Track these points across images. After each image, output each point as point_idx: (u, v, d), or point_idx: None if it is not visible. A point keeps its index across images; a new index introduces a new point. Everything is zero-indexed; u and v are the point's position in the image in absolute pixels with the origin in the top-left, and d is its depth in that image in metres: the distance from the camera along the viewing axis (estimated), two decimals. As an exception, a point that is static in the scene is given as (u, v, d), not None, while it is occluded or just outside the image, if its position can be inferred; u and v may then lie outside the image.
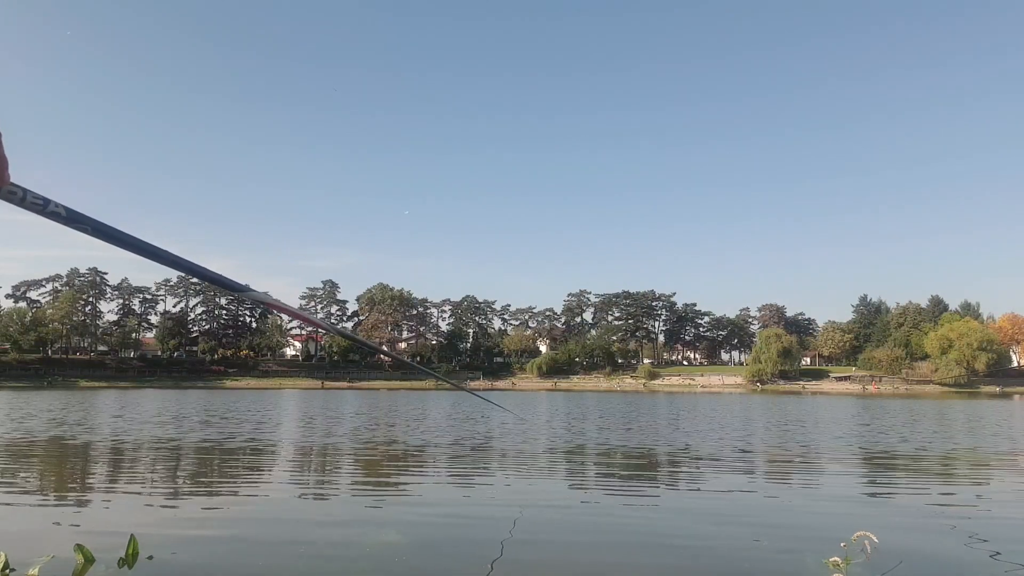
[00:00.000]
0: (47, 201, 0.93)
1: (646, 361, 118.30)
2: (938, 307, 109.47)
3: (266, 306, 1.28)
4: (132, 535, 2.10)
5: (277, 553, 6.36)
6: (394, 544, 6.71)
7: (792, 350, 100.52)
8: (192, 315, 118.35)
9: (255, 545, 6.72)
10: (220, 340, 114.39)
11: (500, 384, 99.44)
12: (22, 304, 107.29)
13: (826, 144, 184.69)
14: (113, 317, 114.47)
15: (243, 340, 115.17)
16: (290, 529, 7.40)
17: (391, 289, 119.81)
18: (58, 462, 13.29)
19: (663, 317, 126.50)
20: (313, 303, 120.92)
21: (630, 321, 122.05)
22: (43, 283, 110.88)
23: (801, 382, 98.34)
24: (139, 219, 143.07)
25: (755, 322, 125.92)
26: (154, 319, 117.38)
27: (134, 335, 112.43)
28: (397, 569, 5.93)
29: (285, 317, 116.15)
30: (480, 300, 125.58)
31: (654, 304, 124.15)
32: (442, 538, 7.06)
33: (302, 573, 5.78)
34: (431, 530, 7.41)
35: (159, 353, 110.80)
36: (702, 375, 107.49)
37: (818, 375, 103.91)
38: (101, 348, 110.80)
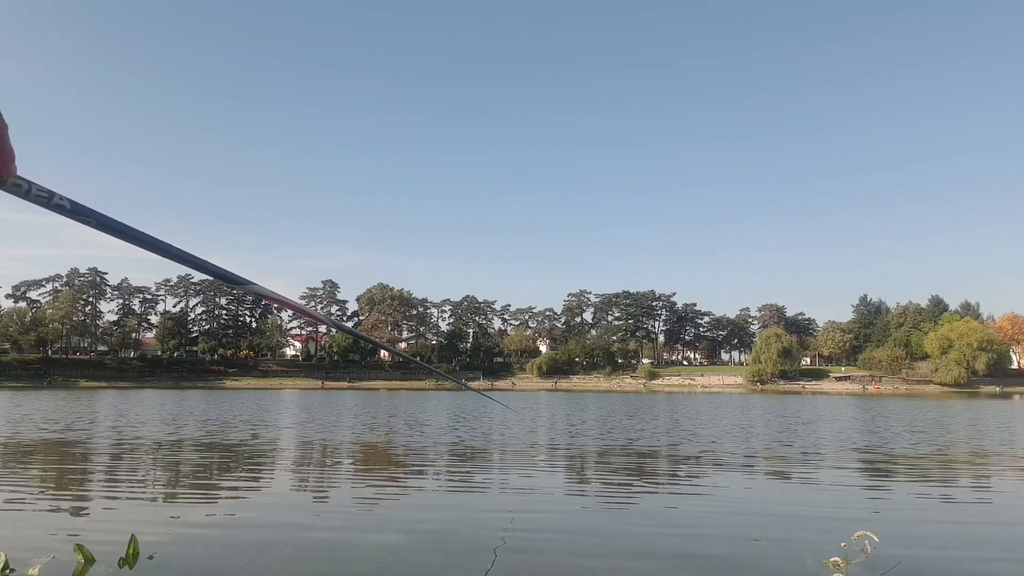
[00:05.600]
0: (52, 194, 0.95)
1: (646, 361, 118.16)
2: (938, 307, 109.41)
3: (268, 300, 1.26)
4: (132, 535, 2.10)
5: (277, 553, 6.36)
6: (393, 544, 6.71)
7: (792, 350, 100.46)
8: (192, 315, 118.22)
9: (255, 545, 6.73)
10: (220, 340, 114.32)
11: (500, 384, 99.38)
12: (22, 304, 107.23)
13: (826, 144, 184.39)
14: (113, 317, 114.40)
15: (243, 340, 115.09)
16: (289, 529, 7.40)
17: (391, 289, 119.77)
18: (58, 462, 13.29)
19: (663, 317, 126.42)
20: (313, 303, 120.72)
21: (630, 321, 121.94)
22: (43, 283, 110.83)
23: (801, 382, 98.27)
24: (140, 218, 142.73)
25: (755, 322, 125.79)
26: (154, 319, 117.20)
27: (134, 335, 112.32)
28: (396, 569, 5.93)
29: (286, 316, 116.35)
30: (480, 300, 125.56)
31: (654, 304, 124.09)
32: (441, 538, 7.06)
33: (302, 573, 5.78)
34: (430, 530, 7.41)
35: (159, 353, 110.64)
36: (702, 375, 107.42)
37: (818, 375, 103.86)
38: (101, 348, 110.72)
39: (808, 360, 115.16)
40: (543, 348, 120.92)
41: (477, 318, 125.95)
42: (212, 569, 5.86)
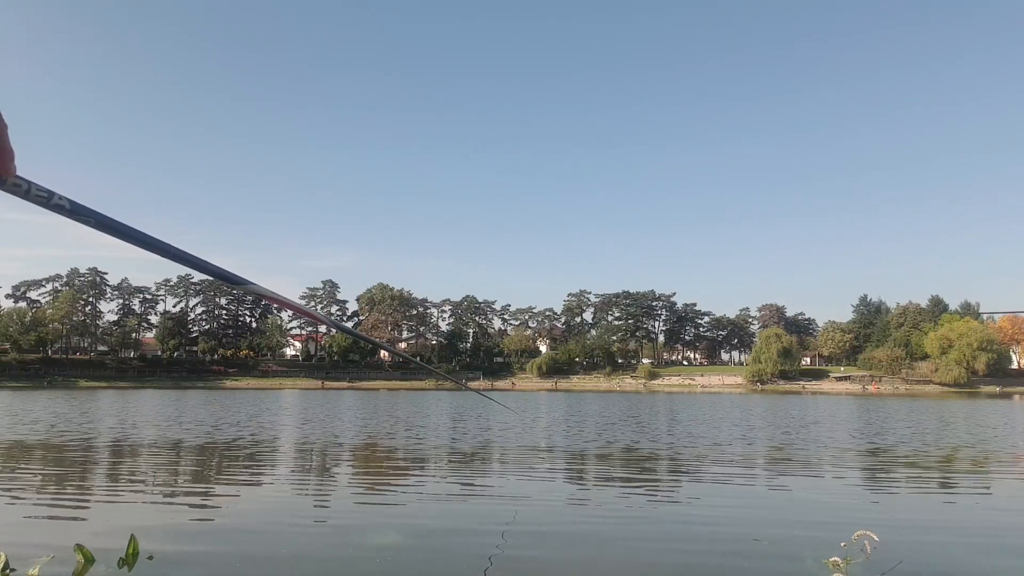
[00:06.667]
0: (51, 194, 0.96)
1: (646, 361, 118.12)
2: (938, 307, 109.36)
3: (268, 300, 1.27)
4: (132, 535, 2.11)
5: (276, 553, 6.36)
6: (393, 545, 6.71)
7: (792, 350, 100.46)
8: (192, 315, 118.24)
9: (254, 545, 6.73)
10: (220, 340, 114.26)
11: (500, 384, 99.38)
12: (22, 304, 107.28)
13: (826, 144, 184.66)
14: (113, 317, 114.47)
15: (243, 340, 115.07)
16: (289, 530, 7.40)
17: (391, 289, 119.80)
18: (58, 462, 13.28)
19: (663, 317, 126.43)
20: (313, 303, 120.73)
21: (630, 321, 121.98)
22: (43, 283, 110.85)
23: (801, 382, 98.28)
24: (141, 218, 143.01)
25: (755, 322, 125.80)
26: (154, 319, 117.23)
27: (134, 335, 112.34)
28: (396, 569, 5.94)
29: (286, 316, 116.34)
30: (480, 300, 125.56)
31: (654, 304, 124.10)
32: (440, 539, 7.06)
33: (301, 573, 5.78)
34: (430, 530, 7.41)
35: (159, 353, 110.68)
36: (702, 375, 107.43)
37: (818, 375, 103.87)
38: (101, 348, 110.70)
39: (808, 360, 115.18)
40: (543, 348, 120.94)
41: (477, 318, 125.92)
42: (211, 569, 5.86)
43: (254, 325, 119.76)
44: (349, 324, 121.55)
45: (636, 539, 7.05)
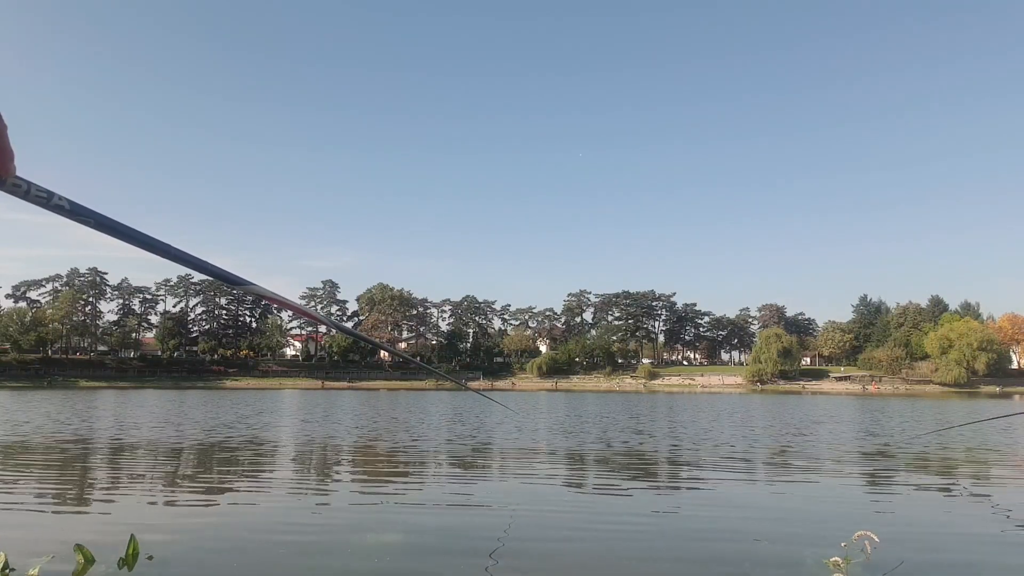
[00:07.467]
0: (51, 194, 0.96)
1: (646, 361, 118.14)
2: (938, 307, 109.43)
3: (267, 300, 1.28)
4: (132, 535, 2.11)
5: (276, 553, 6.36)
6: (392, 544, 6.71)
7: (792, 350, 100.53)
8: (192, 315, 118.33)
9: (254, 545, 6.73)
10: (220, 340, 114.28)
11: (500, 384, 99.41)
12: (22, 304, 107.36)
13: (826, 144, 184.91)
14: (113, 317, 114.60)
15: (243, 340, 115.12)
16: (289, 529, 7.40)
17: (391, 289, 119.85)
18: (58, 462, 13.28)
19: (663, 317, 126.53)
20: (313, 303, 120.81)
21: (630, 321, 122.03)
22: (43, 283, 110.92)
23: (801, 382, 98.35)
24: (141, 218, 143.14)
25: (755, 322, 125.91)
26: (154, 319, 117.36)
27: (134, 335, 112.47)
28: (395, 569, 5.93)
29: (286, 316, 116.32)
30: (480, 300, 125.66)
31: (654, 304, 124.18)
32: (440, 538, 7.06)
33: (301, 573, 5.78)
34: (429, 530, 7.40)
35: (159, 353, 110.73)
36: (702, 375, 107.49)
37: (818, 375, 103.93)
38: (101, 348, 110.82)
39: (808, 360, 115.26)
40: (543, 348, 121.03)
41: (477, 318, 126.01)
42: (211, 569, 5.86)
43: (254, 325, 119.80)
44: (349, 324, 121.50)
45: (635, 539, 7.05)
